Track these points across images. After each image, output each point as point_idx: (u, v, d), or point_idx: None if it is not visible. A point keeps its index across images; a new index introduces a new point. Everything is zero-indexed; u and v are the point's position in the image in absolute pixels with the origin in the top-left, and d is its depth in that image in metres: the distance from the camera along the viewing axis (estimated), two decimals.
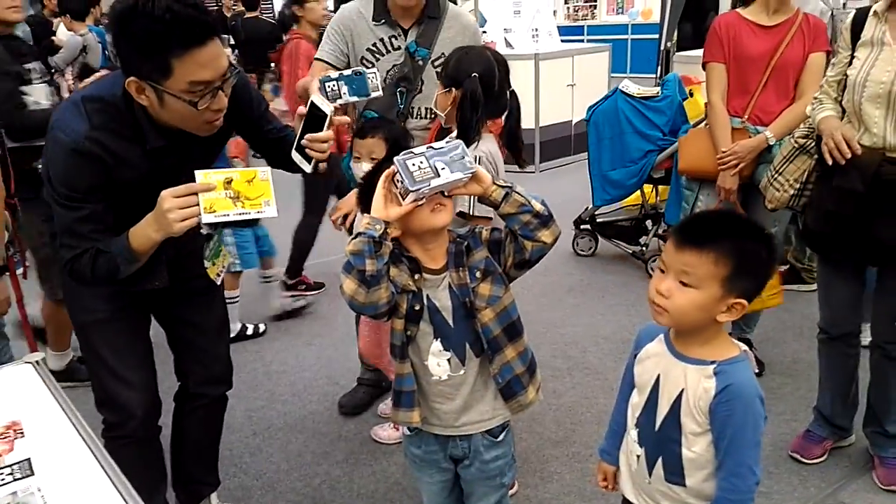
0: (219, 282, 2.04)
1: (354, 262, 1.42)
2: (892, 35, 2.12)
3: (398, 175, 1.40)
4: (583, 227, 4.69)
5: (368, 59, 2.49)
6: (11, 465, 1.26)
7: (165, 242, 1.61)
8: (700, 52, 3.07)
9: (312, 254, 4.11)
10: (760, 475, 1.35)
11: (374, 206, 1.46)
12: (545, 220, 1.48)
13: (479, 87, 2.06)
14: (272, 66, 7.98)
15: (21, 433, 1.36)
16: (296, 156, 1.77)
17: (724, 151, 2.78)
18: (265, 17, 8.80)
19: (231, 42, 8.30)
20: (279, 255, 3.98)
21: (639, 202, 4.52)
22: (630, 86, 4.20)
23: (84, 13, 6.82)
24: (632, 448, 1.50)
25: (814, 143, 2.29)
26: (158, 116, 1.62)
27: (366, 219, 1.47)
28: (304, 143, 1.72)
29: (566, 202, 4.52)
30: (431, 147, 1.41)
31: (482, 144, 2.08)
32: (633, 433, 1.49)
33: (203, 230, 1.90)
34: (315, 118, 1.73)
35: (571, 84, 7.10)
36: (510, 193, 1.45)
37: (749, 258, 1.32)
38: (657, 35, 7.02)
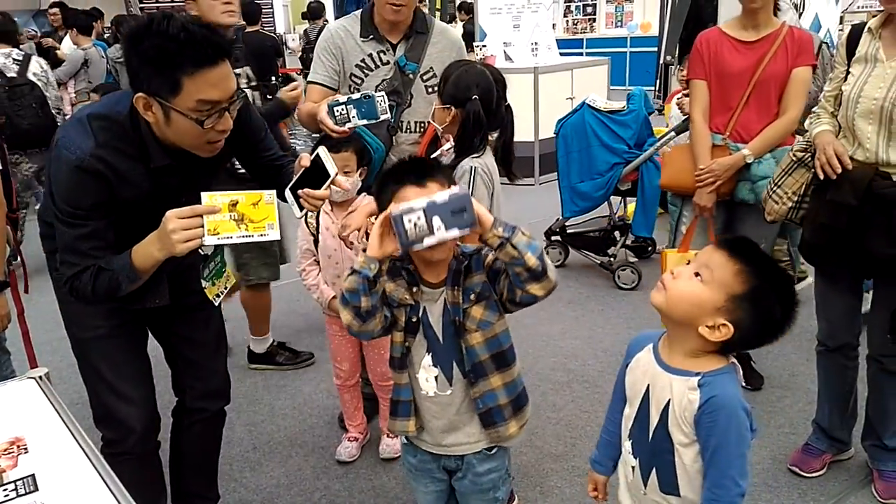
0: (217, 303, 2.04)
1: (350, 299, 1.49)
2: (886, 52, 2.15)
3: (393, 227, 1.39)
4: (553, 239, 4.74)
5: (357, 76, 2.52)
6: (16, 482, 1.27)
7: (165, 260, 1.62)
8: None
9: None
10: (746, 486, 1.36)
11: (370, 245, 1.48)
12: (537, 276, 1.45)
13: (481, 109, 2.10)
14: (273, 80, 8.05)
15: (25, 449, 1.37)
16: (289, 196, 1.79)
17: (702, 169, 2.76)
18: (266, 32, 8.84)
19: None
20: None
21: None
22: (597, 100, 4.30)
23: (89, 29, 6.89)
24: (626, 459, 1.52)
25: (811, 157, 2.31)
26: (163, 135, 1.63)
27: (361, 257, 1.49)
28: (300, 194, 1.75)
29: None
30: (433, 201, 1.36)
31: (481, 158, 2.11)
32: (627, 444, 1.51)
33: (202, 250, 1.91)
34: (316, 169, 1.75)
35: (570, 97, 7.13)
36: (504, 244, 1.42)
37: (763, 295, 1.33)
38: (656, 48, 7.07)
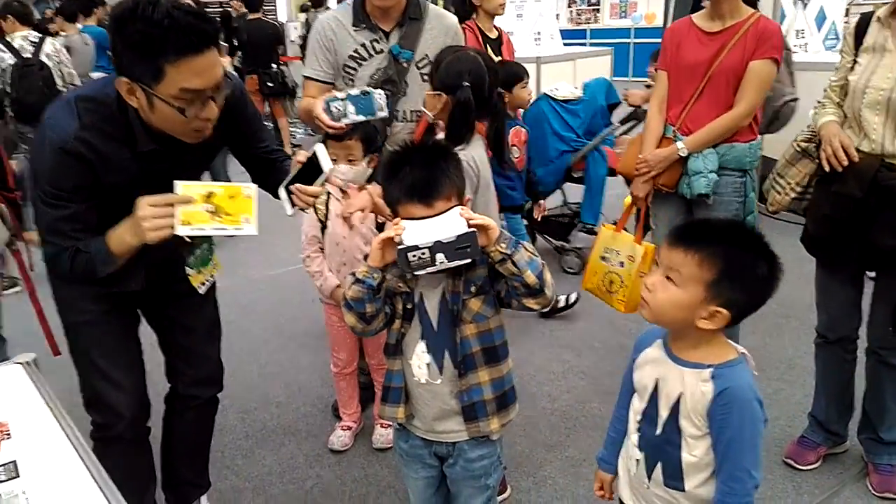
0: (202, 290, 2.01)
1: (355, 307, 1.54)
2: (895, 41, 2.11)
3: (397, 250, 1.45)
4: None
5: (351, 66, 2.47)
6: None
7: (152, 245, 1.60)
8: None
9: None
10: (760, 478, 1.35)
11: (371, 256, 1.52)
12: (534, 292, 1.49)
13: (472, 96, 2.07)
14: (273, 68, 8.02)
15: (8, 434, 1.36)
16: (282, 193, 1.76)
17: (640, 159, 2.71)
18: (267, 19, 8.80)
19: (235, 43, 8.31)
20: None
21: None
22: (560, 88, 4.34)
23: (74, 16, 6.85)
24: (631, 453, 1.50)
25: (816, 147, 2.28)
26: (149, 120, 1.61)
27: (363, 266, 1.53)
28: (293, 189, 1.72)
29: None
30: (440, 240, 1.41)
31: (469, 149, 2.08)
32: (634, 437, 1.49)
33: (188, 238, 1.89)
34: (312, 166, 1.73)
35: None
36: (506, 260, 1.45)
37: (738, 267, 1.30)
38: (660, 39, 7.04)
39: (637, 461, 1.48)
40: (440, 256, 1.42)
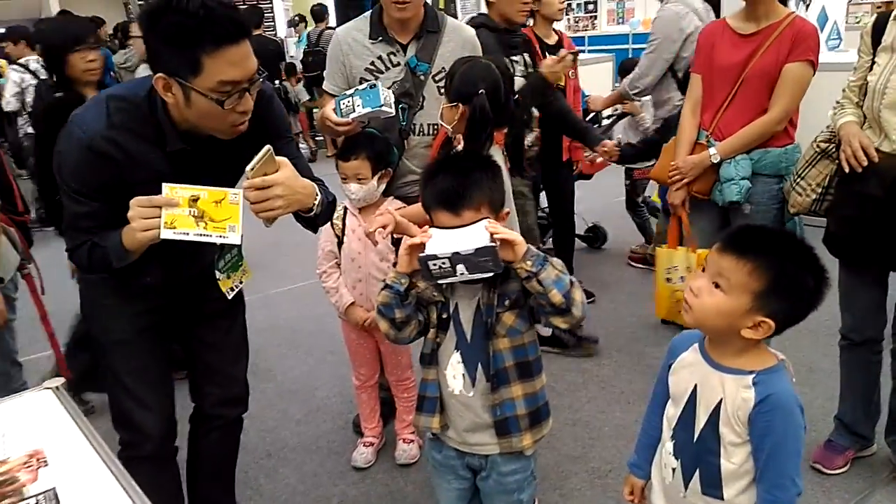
0: (230, 296, 1.99)
1: (385, 312, 1.55)
2: None
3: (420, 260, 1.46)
4: None
5: (367, 80, 2.44)
6: (37, 496, 1.24)
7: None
8: None
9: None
10: (802, 486, 1.33)
11: (399, 262, 1.55)
12: (560, 311, 1.48)
13: (488, 104, 2.06)
14: (276, 83, 8.04)
15: (45, 462, 1.34)
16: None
17: (672, 165, 2.69)
18: (267, 36, 8.84)
19: None
20: None
21: None
22: None
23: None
24: (666, 461, 1.48)
25: (835, 148, 2.26)
26: (183, 116, 1.59)
27: (392, 272, 1.56)
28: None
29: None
30: (458, 252, 1.41)
31: None
32: (669, 445, 1.47)
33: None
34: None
35: None
36: (531, 278, 1.45)
37: (788, 280, 1.29)
38: None
39: (673, 470, 1.46)
40: (461, 268, 1.42)
